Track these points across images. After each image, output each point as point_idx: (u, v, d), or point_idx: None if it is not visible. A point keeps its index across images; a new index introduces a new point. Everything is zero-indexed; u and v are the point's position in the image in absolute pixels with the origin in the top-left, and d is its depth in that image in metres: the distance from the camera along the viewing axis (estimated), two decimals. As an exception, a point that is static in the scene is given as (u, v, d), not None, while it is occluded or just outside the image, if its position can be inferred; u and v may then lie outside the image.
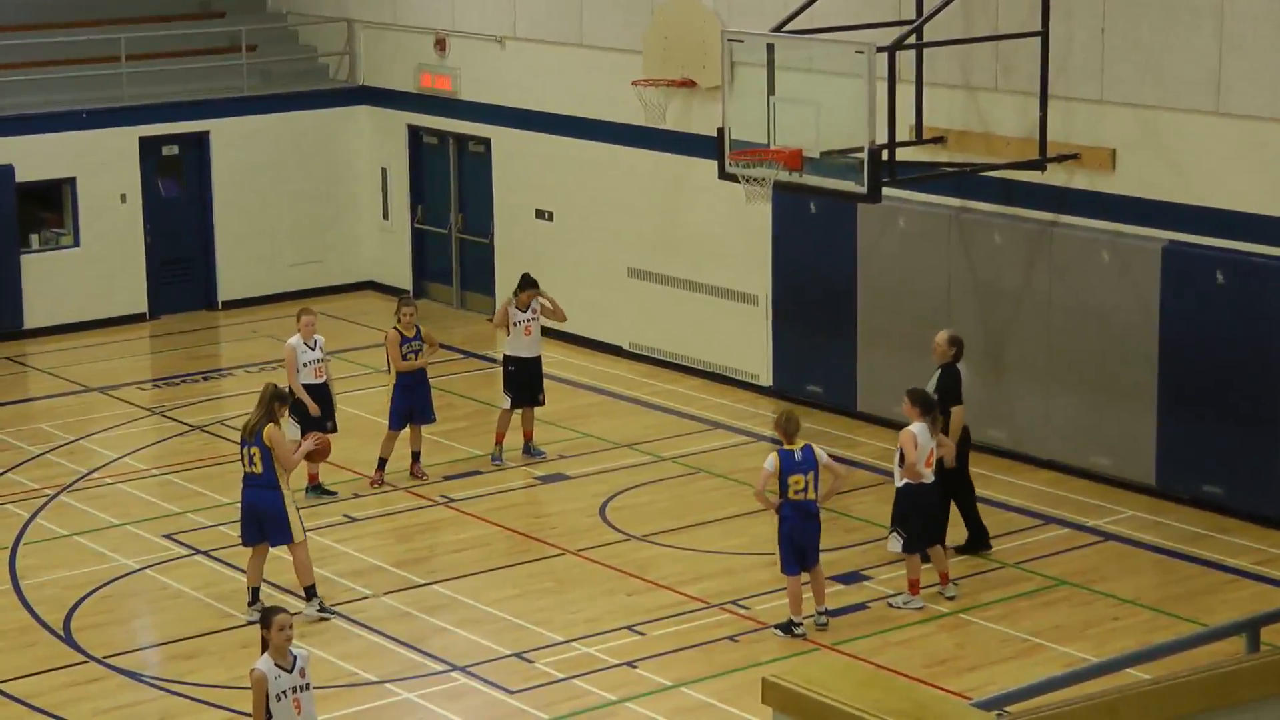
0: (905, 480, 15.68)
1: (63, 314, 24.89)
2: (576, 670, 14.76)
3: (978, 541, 16.92)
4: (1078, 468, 18.73)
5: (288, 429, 18.09)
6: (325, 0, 27.19)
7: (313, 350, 18.35)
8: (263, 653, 11.63)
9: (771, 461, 15.13)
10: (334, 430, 18.06)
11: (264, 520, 15.56)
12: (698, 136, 21.62)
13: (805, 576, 15.33)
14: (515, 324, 19.26)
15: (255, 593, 15.80)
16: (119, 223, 25.19)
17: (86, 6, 26.42)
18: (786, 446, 15.18)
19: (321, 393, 18.34)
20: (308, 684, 11.65)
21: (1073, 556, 16.87)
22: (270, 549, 15.72)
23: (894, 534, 15.78)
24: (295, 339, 18.39)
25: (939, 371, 16.64)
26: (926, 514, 15.76)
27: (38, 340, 24.56)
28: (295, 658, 11.61)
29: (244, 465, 15.56)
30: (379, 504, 18.48)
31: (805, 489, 15.11)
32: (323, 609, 15.68)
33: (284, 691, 11.50)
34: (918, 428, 15.63)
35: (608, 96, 23.01)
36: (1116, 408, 18.12)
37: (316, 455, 16.62)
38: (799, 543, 15.17)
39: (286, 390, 16.38)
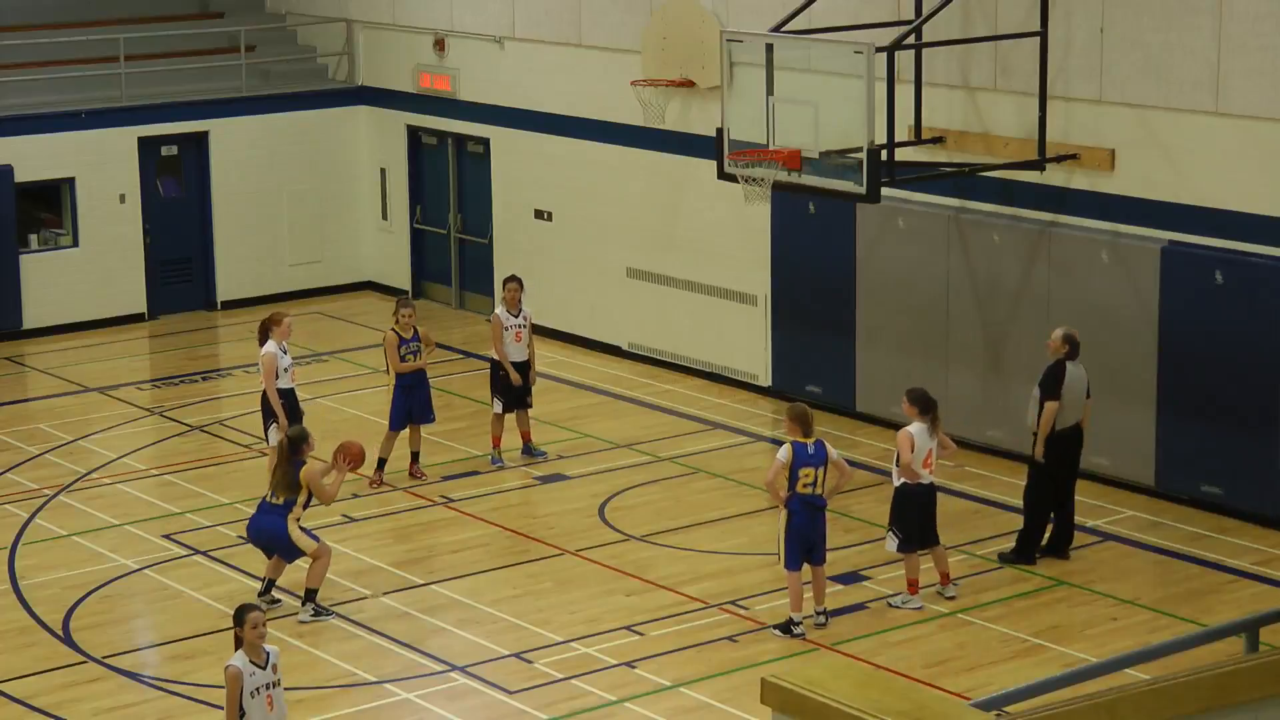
0: (902, 480, 15.69)
1: (62, 314, 24.89)
2: (576, 670, 14.75)
3: (1058, 546, 16.80)
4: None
5: (272, 435, 18.04)
6: (324, 0, 27.18)
7: (285, 355, 18.17)
8: (236, 650, 11.76)
9: (785, 452, 15.12)
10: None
11: (269, 545, 15.70)
12: (697, 136, 21.62)
13: (806, 574, 15.32)
14: (507, 329, 19.25)
15: (269, 584, 15.86)
16: (118, 223, 25.19)
17: (86, 6, 26.42)
18: (800, 440, 15.17)
19: (294, 397, 18.22)
20: (279, 680, 11.83)
21: (1072, 556, 16.85)
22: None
23: (890, 533, 15.80)
24: (272, 345, 17.95)
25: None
26: (924, 514, 15.75)
27: (37, 340, 24.55)
28: (268, 654, 11.79)
29: (269, 498, 15.66)
30: (378, 504, 18.47)
31: (815, 483, 15.11)
32: (317, 614, 15.66)
33: (258, 688, 11.69)
34: (915, 428, 15.63)
35: (607, 97, 23.01)
36: (1116, 408, 18.11)
37: (354, 465, 15.97)
38: (806, 537, 15.17)
39: (300, 432, 15.81)
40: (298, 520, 15.58)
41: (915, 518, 15.67)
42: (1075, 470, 16.82)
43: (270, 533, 15.62)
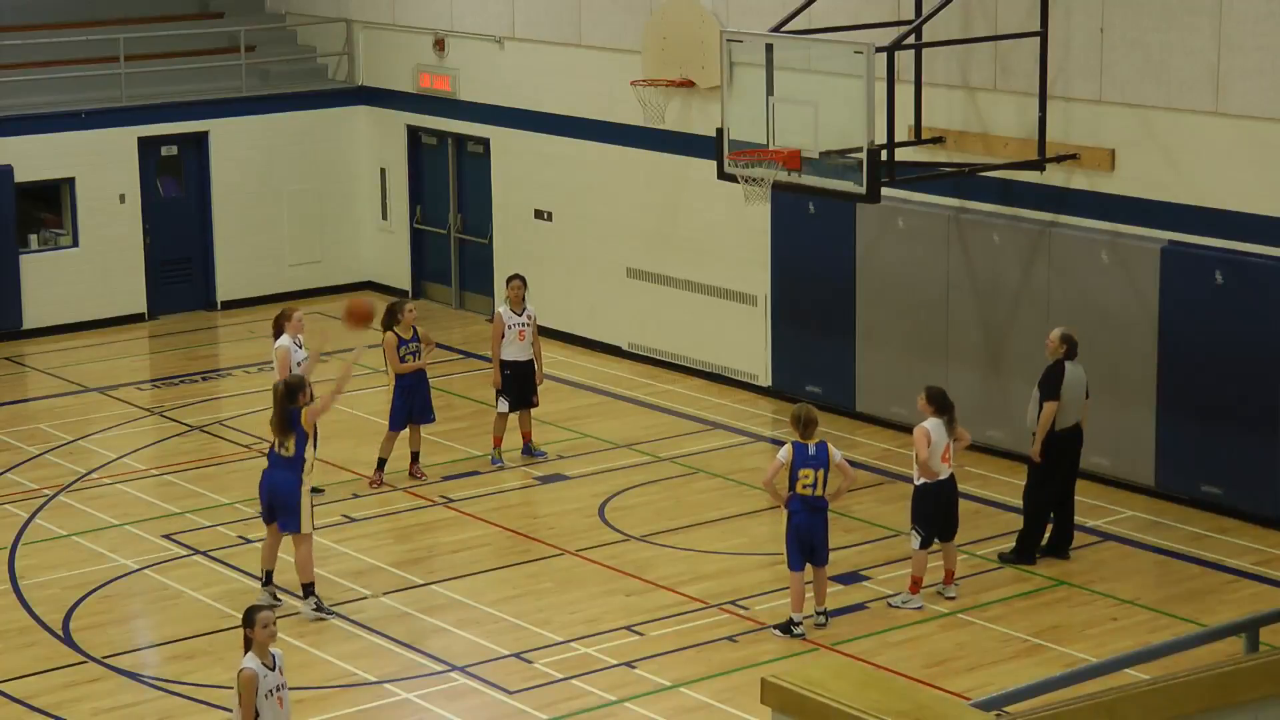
0: (922, 479, 15.66)
1: (62, 314, 24.89)
2: (576, 670, 14.75)
3: (1058, 546, 16.82)
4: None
5: None
6: (324, 0, 27.19)
7: (299, 349, 18.19)
8: (245, 651, 11.72)
9: (785, 452, 15.11)
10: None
11: (276, 503, 15.61)
12: (697, 136, 21.62)
13: (808, 574, 15.32)
14: (510, 328, 19.24)
15: (269, 575, 15.88)
16: (118, 223, 25.18)
17: (86, 6, 26.42)
18: (801, 440, 15.15)
19: None
20: (285, 681, 11.80)
21: (1072, 556, 16.85)
22: (280, 534, 15.80)
23: (913, 531, 15.78)
24: (285, 339, 18.00)
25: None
26: (942, 508, 15.73)
27: (37, 340, 24.55)
28: (274, 656, 11.77)
29: (276, 448, 15.59)
30: (378, 504, 18.47)
31: (814, 485, 15.08)
32: (319, 608, 15.67)
33: (270, 690, 11.63)
34: (931, 423, 15.60)
35: (607, 97, 23.01)
36: (1116, 408, 18.11)
37: (361, 320, 16.28)
38: (806, 538, 15.16)
39: (299, 380, 15.79)
40: (309, 487, 15.55)
41: (935, 514, 15.67)
42: (1075, 470, 16.82)
43: (284, 492, 15.50)
